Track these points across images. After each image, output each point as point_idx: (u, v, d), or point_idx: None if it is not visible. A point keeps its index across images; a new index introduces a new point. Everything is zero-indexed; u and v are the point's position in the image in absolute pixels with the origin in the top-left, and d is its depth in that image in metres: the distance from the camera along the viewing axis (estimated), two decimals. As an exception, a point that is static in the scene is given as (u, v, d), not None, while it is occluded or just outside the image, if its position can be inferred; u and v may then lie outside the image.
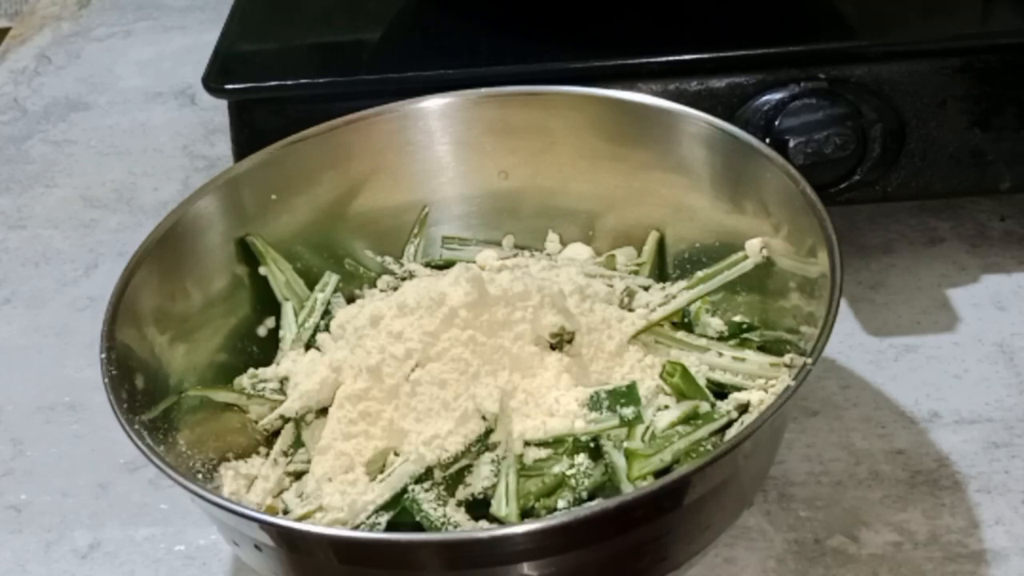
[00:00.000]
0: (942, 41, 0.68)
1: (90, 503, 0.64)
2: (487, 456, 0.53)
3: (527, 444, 0.54)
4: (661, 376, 0.57)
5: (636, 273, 0.64)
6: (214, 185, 0.62)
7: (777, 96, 0.66)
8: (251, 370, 0.60)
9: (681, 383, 0.56)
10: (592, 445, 0.54)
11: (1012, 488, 0.59)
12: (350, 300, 0.64)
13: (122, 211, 0.84)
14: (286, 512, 0.55)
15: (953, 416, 0.63)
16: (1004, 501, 0.59)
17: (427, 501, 0.52)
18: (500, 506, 0.52)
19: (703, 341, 0.59)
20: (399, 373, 0.54)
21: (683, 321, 0.61)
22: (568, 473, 0.53)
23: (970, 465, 0.60)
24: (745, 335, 0.60)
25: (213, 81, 0.70)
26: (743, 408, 0.55)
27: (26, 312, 0.76)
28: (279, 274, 0.63)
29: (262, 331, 0.63)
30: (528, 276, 0.57)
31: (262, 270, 0.63)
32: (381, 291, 0.64)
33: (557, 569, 0.48)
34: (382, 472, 0.53)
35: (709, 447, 0.54)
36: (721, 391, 0.57)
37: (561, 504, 0.52)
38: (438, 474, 0.53)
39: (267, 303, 0.63)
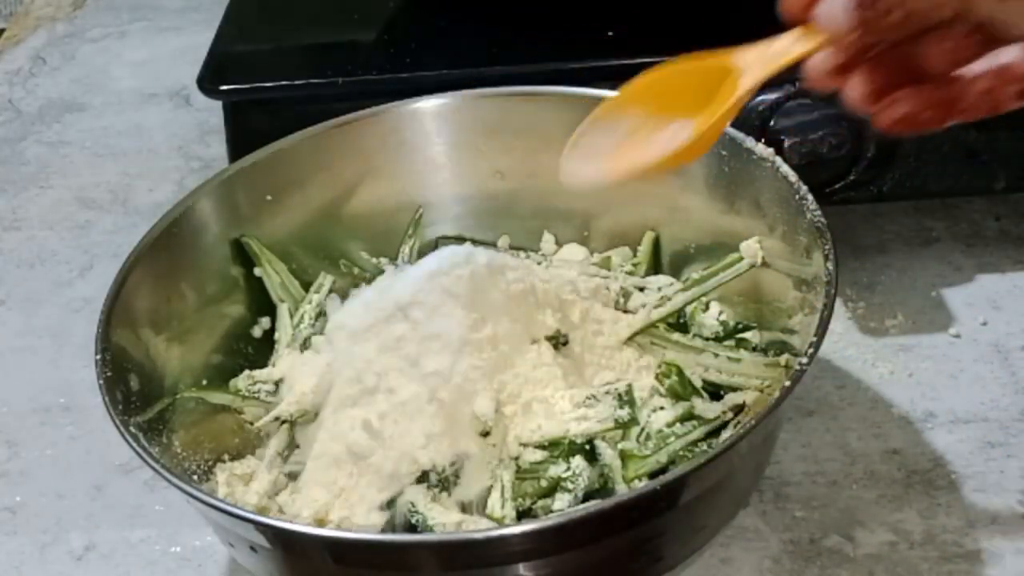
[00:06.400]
0: (937, 41, 0.68)
1: (85, 505, 0.63)
2: (483, 458, 0.53)
3: (523, 446, 0.54)
4: (657, 377, 0.57)
5: (632, 274, 0.64)
6: (209, 186, 0.62)
7: (772, 96, 0.66)
8: (246, 372, 0.60)
9: (677, 384, 0.56)
10: (588, 447, 0.54)
11: (1007, 488, 0.59)
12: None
13: (117, 212, 0.84)
14: (281, 513, 0.55)
15: (948, 416, 0.63)
16: (999, 501, 0.59)
17: (423, 502, 0.52)
18: (496, 507, 0.52)
19: (698, 342, 0.59)
20: (394, 376, 0.54)
21: (679, 322, 0.61)
22: (564, 475, 0.53)
23: (965, 465, 0.60)
24: (740, 335, 0.60)
25: (208, 82, 0.70)
26: (738, 408, 0.56)
27: (21, 314, 0.76)
28: (274, 275, 0.63)
29: (257, 332, 0.63)
30: (525, 272, 0.57)
31: (257, 271, 0.63)
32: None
33: (553, 570, 0.48)
34: (378, 474, 0.53)
35: (704, 448, 0.54)
36: (716, 391, 0.57)
37: (557, 505, 0.52)
38: (434, 476, 0.53)
39: (262, 304, 0.63)
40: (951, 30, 0.43)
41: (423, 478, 0.53)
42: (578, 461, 0.53)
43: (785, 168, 0.58)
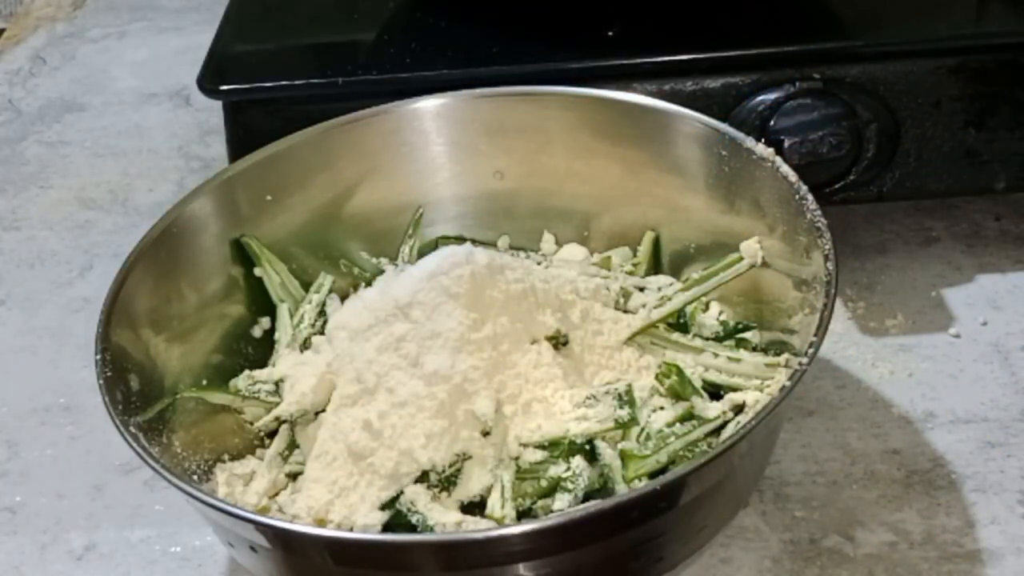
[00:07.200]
0: (937, 41, 0.68)
1: (85, 505, 0.63)
2: (483, 458, 0.53)
3: (523, 446, 0.54)
4: (657, 377, 0.57)
5: (632, 274, 0.64)
6: (209, 186, 0.62)
7: (772, 96, 0.66)
8: (247, 372, 0.60)
9: (677, 384, 0.56)
10: (588, 447, 0.54)
11: (1007, 487, 0.59)
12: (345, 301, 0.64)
13: (117, 212, 0.84)
14: (281, 513, 0.55)
15: (948, 416, 0.63)
16: (999, 500, 0.59)
17: (423, 502, 0.52)
18: (496, 507, 0.52)
19: (698, 342, 0.59)
20: (394, 375, 0.54)
21: (679, 322, 0.61)
22: (564, 475, 0.53)
23: (965, 465, 0.60)
24: (740, 335, 0.60)
25: (208, 82, 0.70)
26: (738, 408, 0.56)
27: (21, 313, 0.76)
28: (274, 275, 0.63)
29: (257, 332, 0.63)
30: (524, 272, 0.57)
31: (257, 271, 0.63)
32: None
33: (553, 570, 0.48)
34: (378, 474, 0.53)
35: (705, 448, 0.54)
36: (716, 391, 0.57)
37: (557, 505, 0.52)
38: (434, 476, 0.53)
39: (262, 304, 0.63)
40: None
41: (423, 478, 0.53)
42: (578, 461, 0.53)
43: (785, 168, 0.58)
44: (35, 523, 0.63)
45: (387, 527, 0.53)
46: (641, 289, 0.63)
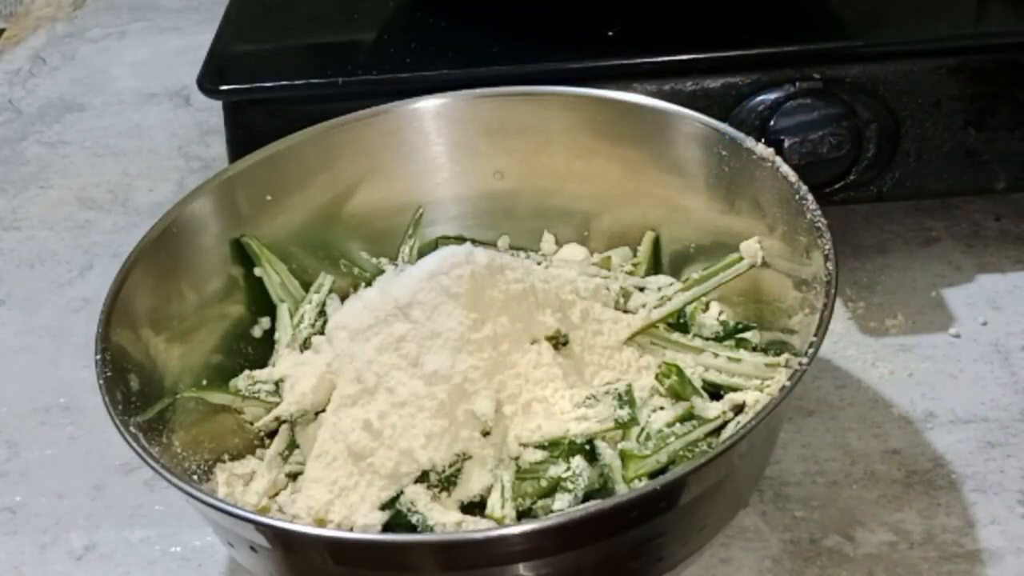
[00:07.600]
0: (937, 41, 0.68)
1: (85, 505, 0.63)
2: (483, 458, 0.53)
3: (523, 446, 0.54)
4: (657, 377, 0.57)
5: (632, 274, 0.64)
6: (209, 186, 0.62)
7: (772, 96, 0.66)
8: (247, 372, 0.60)
9: (677, 384, 0.56)
10: (588, 447, 0.54)
11: (1007, 488, 0.59)
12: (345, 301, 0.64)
13: (117, 212, 0.84)
14: (281, 513, 0.55)
15: (948, 416, 0.63)
16: (999, 500, 0.59)
17: (423, 502, 0.52)
18: (496, 507, 0.52)
19: (698, 342, 0.59)
20: (394, 375, 0.54)
21: (679, 322, 0.61)
22: (564, 475, 0.53)
23: (965, 465, 0.60)
24: (740, 335, 0.60)
25: (208, 82, 0.70)
26: (738, 408, 0.56)
27: (21, 313, 0.76)
28: (274, 275, 0.63)
29: (257, 332, 0.63)
30: (525, 272, 0.57)
31: (257, 271, 0.63)
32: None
33: (553, 570, 0.48)
34: (378, 474, 0.53)
35: (704, 448, 0.54)
36: (716, 391, 0.57)
37: (557, 505, 0.52)
38: (434, 476, 0.53)
39: (262, 304, 0.63)
40: None
41: (423, 478, 0.53)
42: (578, 461, 0.53)
43: (785, 168, 0.58)
44: (35, 523, 0.63)
45: (387, 527, 0.53)
46: (641, 289, 0.63)
